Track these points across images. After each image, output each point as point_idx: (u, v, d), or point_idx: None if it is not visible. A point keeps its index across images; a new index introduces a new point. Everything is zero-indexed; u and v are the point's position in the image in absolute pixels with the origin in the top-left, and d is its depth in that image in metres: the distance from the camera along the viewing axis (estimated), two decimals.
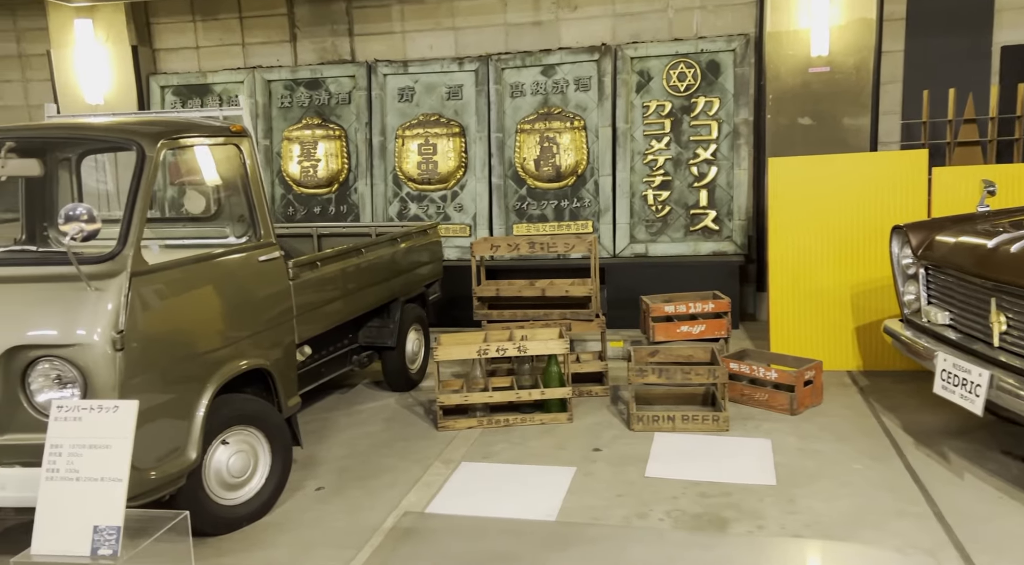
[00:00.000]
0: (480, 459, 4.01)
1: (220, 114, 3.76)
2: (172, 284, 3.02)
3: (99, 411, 2.38)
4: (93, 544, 2.28)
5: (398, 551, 3.09)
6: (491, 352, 4.41)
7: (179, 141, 3.22)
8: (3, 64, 8.81)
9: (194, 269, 3.15)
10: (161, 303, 2.95)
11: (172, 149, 3.15)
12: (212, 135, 3.44)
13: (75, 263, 2.66)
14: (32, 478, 2.65)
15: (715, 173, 6.89)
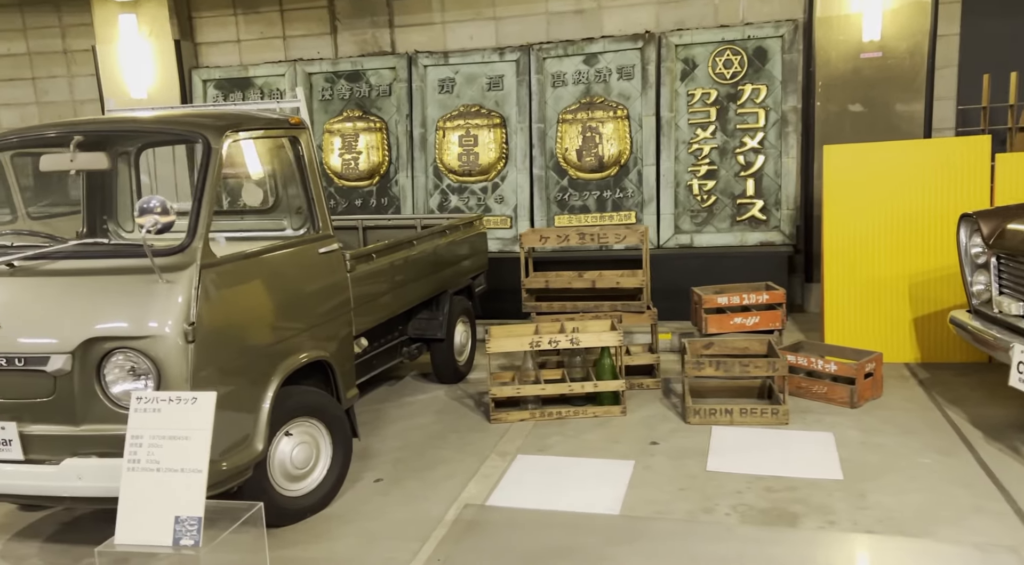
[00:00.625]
0: (536, 452, 3.98)
1: (277, 106, 3.76)
2: (239, 276, 3.03)
3: (178, 403, 2.39)
4: (175, 534, 2.30)
5: (462, 544, 3.07)
6: (543, 344, 4.38)
7: (243, 133, 3.22)
8: (49, 60, 8.94)
9: (260, 261, 3.15)
10: (229, 295, 2.96)
11: (236, 141, 3.15)
12: (273, 127, 3.43)
13: (150, 255, 2.67)
14: (108, 468, 2.68)
15: (762, 162, 6.76)
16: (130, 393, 2.73)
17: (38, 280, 2.85)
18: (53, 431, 2.76)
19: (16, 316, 2.78)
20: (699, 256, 6.73)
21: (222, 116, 3.24)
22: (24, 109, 9.15)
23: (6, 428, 2.75)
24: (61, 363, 2.70)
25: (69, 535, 3.36)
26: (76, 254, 2.91)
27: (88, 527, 3.42)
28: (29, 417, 2.76)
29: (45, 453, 2.77)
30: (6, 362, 2.72)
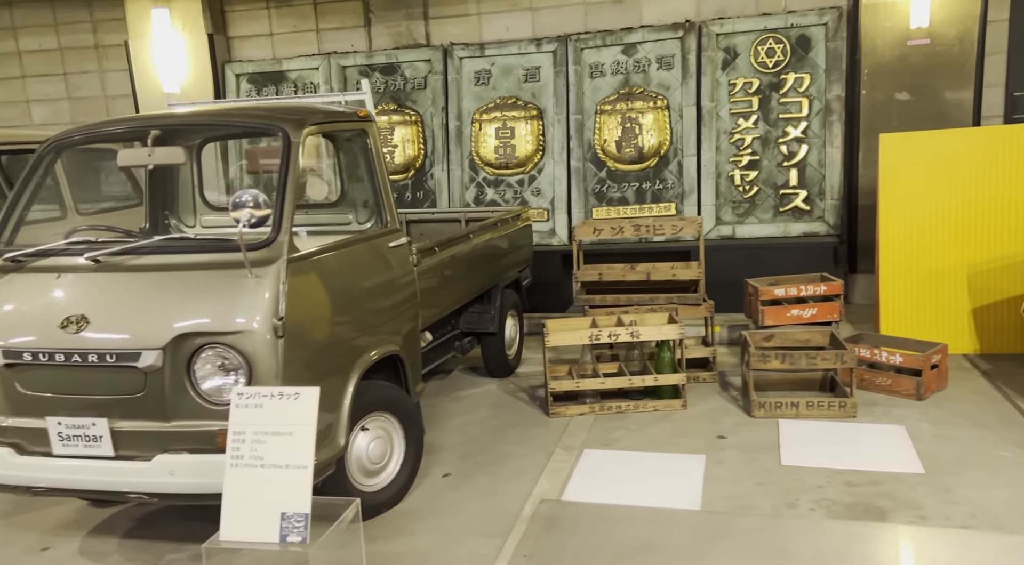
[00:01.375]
0: (601, 446, 3.95)
1: (343, 99, 3.72)
2: (321, 270, 3.00)
3: (280, 398, 2.37)
4: (281, 531, 2.28)
5: (545, 539, 3.05)
6: (602, 337, 4.34)
7: (320, 127, 3.19)
8: (80, 55, 8.93)
9: (338, 255, 3.13)
10: (312, 290, 2.93)
11: (312, 135, 3.12)
12: (344, 121, 3.40)
13: (243, 250, 2.65)
14: (201, 464, 2.67)
15: (806, 152, 6.69)
16: (220, 389, 2.72)
17: (125, 276, 2.84)
18: (143, 427, 2.74)
19: (105, 312, 2.76)
20: (741, 248, 6.67)
21: (298, 109, 3.22)
22: (56, 105, 9.15)
23: (96, 424, 2.74)
24: (152, 359, 2.68)
25: (145, 531, 3.36)
26: (161, 249, 2.89)
27: (163, 523, 3.42)
28: (119, 413, 2.75)
29: (135, 449, 2.76)
30: (97, 358, 2.71)
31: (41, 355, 2.75)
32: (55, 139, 3.30)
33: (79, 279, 2.86)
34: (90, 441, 2.76)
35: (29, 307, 2.86)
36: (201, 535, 3.25)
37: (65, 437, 2.78)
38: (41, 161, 3.26)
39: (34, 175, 3.24)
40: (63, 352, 2.73)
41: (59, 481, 2.81)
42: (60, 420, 2.77)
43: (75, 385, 2.77)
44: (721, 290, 5.99)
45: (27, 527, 3.45)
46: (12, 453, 2.83)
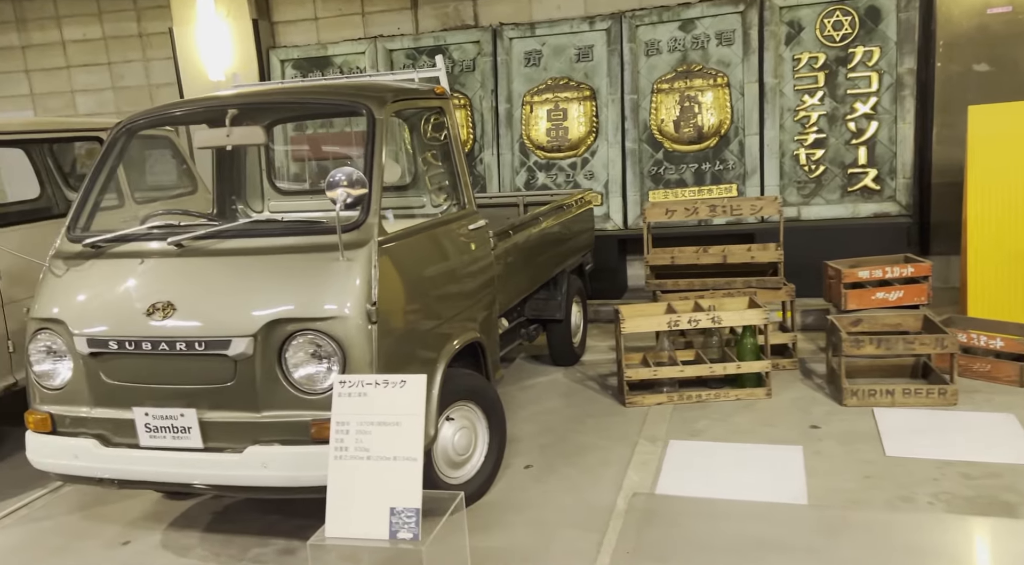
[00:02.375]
0: (687, 437, 3.78)
1: (415, 76, 3.57)
2: (408, 254, 2.87)
3: (384, 386, 2.23)
4: (391, 527, 2.15)
5: (646, 534, 2.89)
6: (682, 323, 4.16)
7: (403, 104, 3.04)
8: (124, 44, 8.88)
9: (423, 238, 2.99)
10: (401, 274, 2.80)
11: (396, 112, 2.98)
12: (424, 98, 3.25)
13: (339, 232, 2.52)
14: (295, 456, 2.55)
15: (875, 128, 6.41)
16: (313, 377, 2.59)
17: (210, 260, 2.72)
18: (233, 418, 2.63)
19: (192, 298, 2.65)
20: (807, 230, 6.42)
21: (378, 86, 3.07)
22: (100, 94, 9.13)
23: (185, 415, 2.64)
24: (243, 347, 2.56)
25: (226, 524, 3.27)
26: (246, 232, 2.77)
27: (242, 516, 3.32)
28: (208, 403, 2.64)
29: (224, 441, 2.65)
30: (185, 346, 2.60)
31: (127, 343, 2.65)
32: (126, 122, 3.20)
33: (163, 264, 2.75)
34: (178, 432, 2.65)
35: (113, 294, 2.76)
36: (283, 529, 3.17)
37: (152, 428, 2.68)
38: (114, 145, 3.15)
39: (107, 160, 3.14)
40: (150, 340, 2.63)
41: (147, 474, 2.71)
42: (147, 411, 2.67)
43: (162, 374, 2.67)
44: (787, 274, 5.76)
45: (105, 520, 3.38)
46: (97, 445, 2.75)
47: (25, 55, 9.22)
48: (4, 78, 9.29)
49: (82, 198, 3.07)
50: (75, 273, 2.85)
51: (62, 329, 2.78)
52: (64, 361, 2.80)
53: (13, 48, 9.22)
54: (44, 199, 5.92)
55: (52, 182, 5.90)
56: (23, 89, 9.31)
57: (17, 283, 4.23)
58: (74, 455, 2.75)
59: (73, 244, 2.95)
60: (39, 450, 2.86)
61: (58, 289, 2.84)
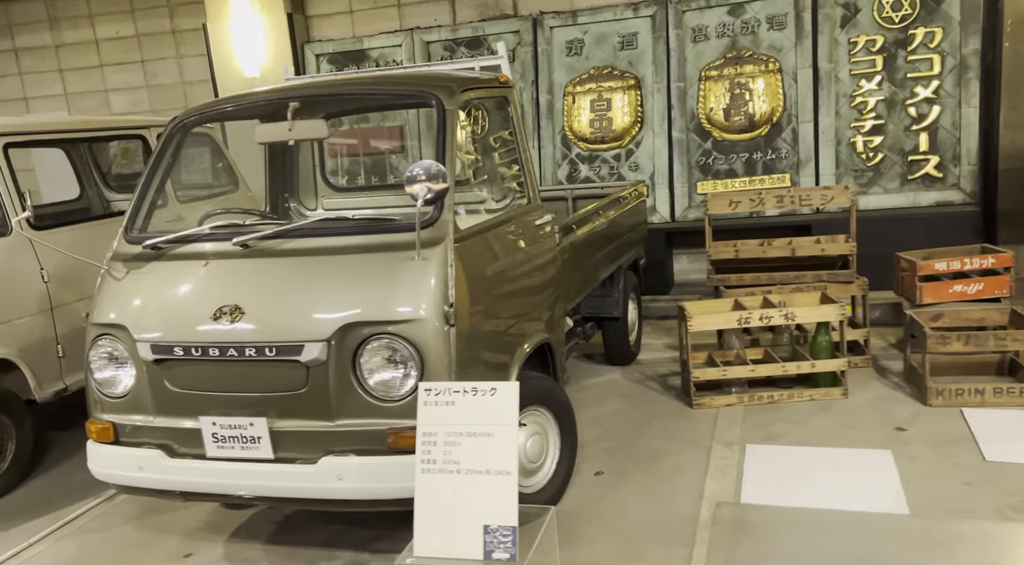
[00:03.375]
0: (763, 441, 3.59)
1: (476, 65, 3.41)
2: (481, 251, 2.71)
3: (473, 395, 2.08)
4: (486, 546, 2.00)
5: (738, 548, 2.71)
6: (753, 320, 3.96)
7: (471, 94, 2.88)
8: (157, 41, 8.81)
9: (495, 235, 2.83)
10: (475, 272, 2.64)
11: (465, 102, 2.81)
12: (489, 87, 3.08)
13: (418, 229, 2.36)
14: (372, 467, 2.41)
15: (937, 113, 6.13)
16: (389, 383, 2.44)
17: (278, 261, 2.58)
18: (305, 427, 2.49)
19: (261, 301, 2.51)
20: (865, 220, 6.07)
21: (444, 76, 2.91)
22: (134, 93, 9.07)
23: (255, 424, 2.50)
24: (316, 352, 2.42)
25: (289, 536, 3.14)
26: (314, 232, 2.62)
27: (304, 527, 3.19)
28: (278, 412, 2.51)
29: (296, 451, 2.51)
30: (255, 352, 2.46)
31: (193, 349, 2.52)
32: (181, 118, 3.07)
33: (228, 266, 2.62)
34: (247, 442, 2.52)
35: (176, 298, 2.63)
36: (349, 541, 3.03)
37: (220, 438, 2.55)
38: (169, 142, 3.03)
39: (163, 157, 3.01)
40: (217, 346, 2.49)
41: (215, 486, 2.59)
42: (215, 420, 2.54)
43: (230, 381, 2.54)
44: (827, 268, 5.53)
45: (163, 531, 3.27)
46: (163, 455, 2.62)
47: (59, 54, 9.18)
48: (38, 78, 9.27)
49: (138, 198, 2.95)
50: (136, 276, 2.72)
51: (124, 335, 2.65)
52: (126, 368, 2.68)
53: (46, 48, 9.19)
54: (83, 200, 5.85)
55: (91, 182, 5.83)
56: (57, 89, 9.28)
57: (65, 286, 4.15)
58: (139, 466, 2.63)
59: (132, 246, 2.83)
60: (101, 460, 2.74)
61: (119, 293, 2.72)
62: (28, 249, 3.97)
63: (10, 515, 3.56)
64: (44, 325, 4.01)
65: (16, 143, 4.03)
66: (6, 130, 3.98)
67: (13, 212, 3.93)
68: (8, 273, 3.84)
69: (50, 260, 4.06)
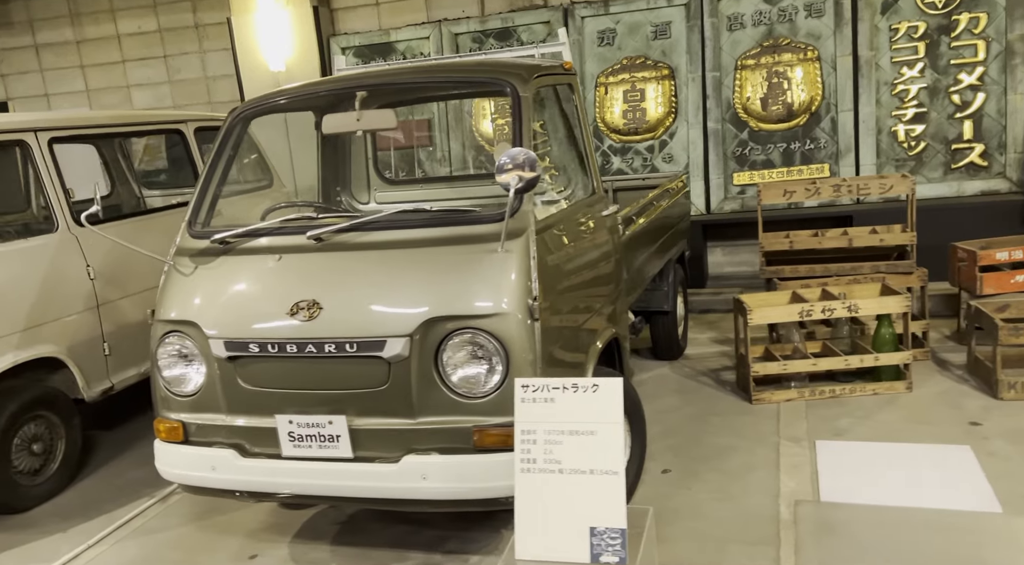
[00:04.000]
0: (831, 437, 3.50)
1: (536, 52, 3.31)
2: (557, 243, 2.62)
3: (574, 391, 1.99)
4: (592, 549, 1.92)
5: (826, 548, 2.63)
6: (815, 313, 3.87)
7: (543, 80, 2.79)
8: (180, 36, 8.72)
9: (568, 226, 2.74)
10: (555, 265, 2.56)
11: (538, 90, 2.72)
12: (556, 74, 2.99)
13: (507, 219, 2.28)
14: (457, 466, 2.34)
15: (982, 100, 6.01)
16: (473, 379, 2.36)
17: (355, 255, 2.50)
18: (386, 424, 2.41)
19: (339, 296, 2.43)
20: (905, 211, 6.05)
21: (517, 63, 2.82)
22: (157, 89, 8.99)
23: (334, 422, 2.42)
24: (399, 348, 2.34)
25: (355, 537, 3.06)
26: (391, 225, 2.53)
27: (368, 527, 3.12)
28: (357, 409, 2.43)
29: (376, 450, 2.43)
30: (334, 348, 2.38)
31: (270, 346, 2.44)
32: (241, 110, 2.98)
33: (303, 260, 2.54)
34: (325, 441, 2.44)
35: (250, 293, 2.56)
36: (418, 541, 2.96)
37: (297, 437, 2.47)
38: (229, 134, 2.94)
39: (224, 149, 2.93)
40: (295, 342, 2.42)
41: (291, 486, 2.51)
42: (291, 418, 2.46)
43: (308, 379, 2.46)
44: (881, 259, 5.43)
45: (225, 531, 3.20)
46: (236, 455, 2.55)
47: (80, 50, 9.11)
48: (59, 74, 9.19)
49: (200, 191, 2.87)
50: (205, 271, 2.65)
51: (195, 332, 2.58)
52: (197, 366, 2.61)
53: (68, 43, 9.11)
54: (114, 197, 5.77)
55: (123, 179, 5.75)
56: (78, 85, 9.21)
57: (110, 283, 4.08)
58: (211, 466, 2.56)
59: (197, 240, 2.75)
60: (171, 460, 2.67)
61: (187, 289, 2.65)
62: (75, 246, 3.90)
63: (65, 516, 3.50)
64: (91, 323, 3.95)
65: (60, 138, 3.96)
66: (52, 125, 3.90)
67: (60, 209, 3.86)
68: (55, 270, 3.77)
69: (96, 257, 3.99)
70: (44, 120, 3.89)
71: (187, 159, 5.07)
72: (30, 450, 3.60)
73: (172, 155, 5.64)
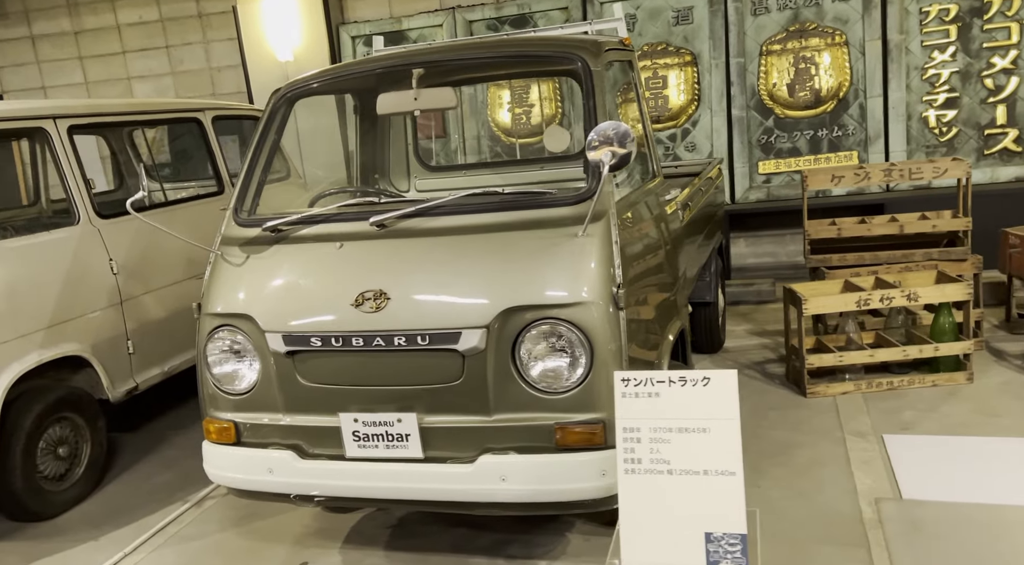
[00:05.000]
0: (899, 431, 3.36)
1: (591, 28, 3.14)
2: (630, 228, 2.45)
3: (681, 385, 1.83)
4: (709, 556, 1.76)
5: (920, 549, 2.48)
6: (873, 302, 3.72)
7: (611, 55, 2.62)
8: (182, 26, 8.48)
9: (639, 210, 2.57)
10: (633, 251, 2.39)
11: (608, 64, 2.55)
12: (618, 50, 2.82)
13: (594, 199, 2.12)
14: (539, 467, 2.17)
15: (1016, 85, 5.89)
16: (553, 373, 2.20)
17: (422, 242, 2.33)
18: (459, 422, 2.25)
19: (408, 286, 2.26)
20: (939, 198, 5.89)
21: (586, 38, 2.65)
22: (159, 80, 8.75)
23: (403, 420, 2.25)
24: (476, 340, 2.17)
25: (408, 541, 2.89)
26: (458, 209, 2.35)
27: (421, 531, 2.95)
28: (428, 407, 2.26)
29: (448, 450, 2.26)
30: (405, 341, 2.21)
31: (333, 340, 2.27)
32: (286, 90, 2.80)
33: (365, 248, 2.36)
34: (393, 441, 2.27)
35: (308, 284, 2.38)
36: (479, 545, 2.79)
37: (362, 436, 2.30)
38: (274, 116, 2.76)
39: (268, 133, 2.74)
40: (361, 335, 2.24)
41: (356, 490, 2.34)
42: (356, 416, 2.29)
43: (374, 374, 2.29)
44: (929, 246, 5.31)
45: (269, 538, 3.03)
46: (294, 457, 2.37)
47: (78, 41, 8.85)
48: (56, 66, 8.93)
49: (245, 178, 2.68)
50: (257, 261, 2.47)
51: (248, 326, 2.40)
52: (250, 362, 2.43)
53: (65, 34, 8.85)
54: (123, 191, 5.55)
55: (132, 172, 5.52)
56: (76, 77, 8.95)
57: (133, 278, 3.89)
58: (268, 469, 2.38)
59: (244, 228, 2.57)
60: (222, 463, 2.49)
61: (238, 280, 2.46)
62: (97, 239, 3.70)
63: (95, 523, 3.31)
64: (115, 320, 3.76)
65: (80, 126, 3.76)
66: (71, 112, 3.70)
67: (81, 200, 3.67)
68: (78, 265, 3.57)
69: (119, 251, 3.80)
70: (63, 107, 3.68)
71: (205, 149, 4.87)
72: (55, 454, 3.41)
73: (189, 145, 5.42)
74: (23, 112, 3.50)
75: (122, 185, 5.59)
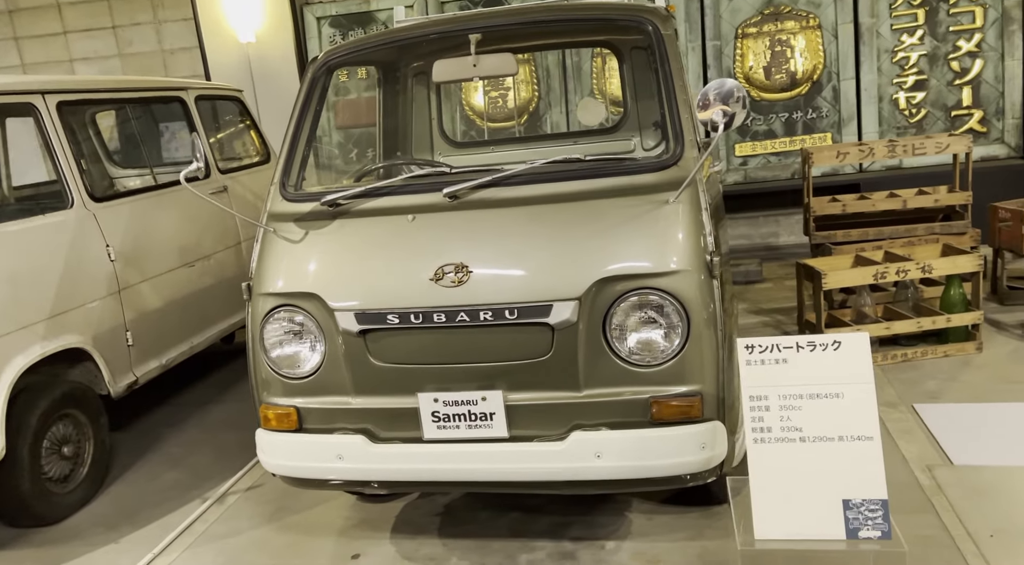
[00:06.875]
0: (926, 400, 3.44)
1: None
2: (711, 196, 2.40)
3: (811, 350, 1.80)
4: (848, 524, 1.74)
5: (985, 511, 2.53)
6: (890, 275, 3.80)
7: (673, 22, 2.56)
8: (131, 5, 8.01)
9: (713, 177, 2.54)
10: (714, 218, 2.35)
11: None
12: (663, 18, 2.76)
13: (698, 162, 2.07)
14: (636, 442, 2.10)
15: (980, 67, 6.14)
16: (650, 345, 2.15)
17: (501, 212, 2.22)
18: (548, 399, 2.16)
19: (491, 259, 2.15)
20: (911, 177, 6.09)
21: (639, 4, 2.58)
22: (105, 63, 8.25)
23: (488, 399, 2.15)
24: (568, 312, 2.09)
25: (461, 527, 2.79)
26: (536, 178, 2.26)
27: (473, 517, 2.85)
28: (514, 383, 2.16)
29: (534, 428, 2.17)
30: (491, 316, 2.11)
31: (412, 316, 2.14)
32: (325, 58, 2.63)
33: (438, 220, 2.24)
34: (477, 420, 2.17)
35: (379, 259, 2.24)
36: (538, 528, 2.71)
37: (442, 417, 2.18)
38: (315, 85, 2.59)
39: (310, 103, 2.58)
40: (443, 310, 2.13)
41: (437, 473, 2.22)
42: (436, 396, 2.18)
43: (455, 351, 2.18)
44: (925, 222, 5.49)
45: (310, 532, 2.87)
46: (366, 441, 2.24)
47: (13, 20, 8.26)
48: None
49: (288, 151, 2.51)
50: (318, 237, 2.31)
51: (312, 305, 2.25)
52: (312, 343, 2.28)
53: None
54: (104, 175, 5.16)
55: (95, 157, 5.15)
56: (12, 59, 8.36)
57: (131, 265, 3.63)
58: (338, 455, 2.24)
59: (294, 204, 2.40)
60: (282, 452, 2.33)
61: (297, 257, 2.30)
62: (92, 223, 3.44)
63: (109, 525, 3.08)
64: (113, 310, 3.50)
65: (69, 102, 3.47)
66: (60, 87, 3.41)
67: (73, 181, 3.40)
68: (74, 251, 3.31)
69: (115, 236, 3.54)
70: (52, 82, 3.39)
71: (188, 130, 4.59)
72: (60, 453, 3.15)
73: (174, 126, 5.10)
74: (10, 86, 3.21)
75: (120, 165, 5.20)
